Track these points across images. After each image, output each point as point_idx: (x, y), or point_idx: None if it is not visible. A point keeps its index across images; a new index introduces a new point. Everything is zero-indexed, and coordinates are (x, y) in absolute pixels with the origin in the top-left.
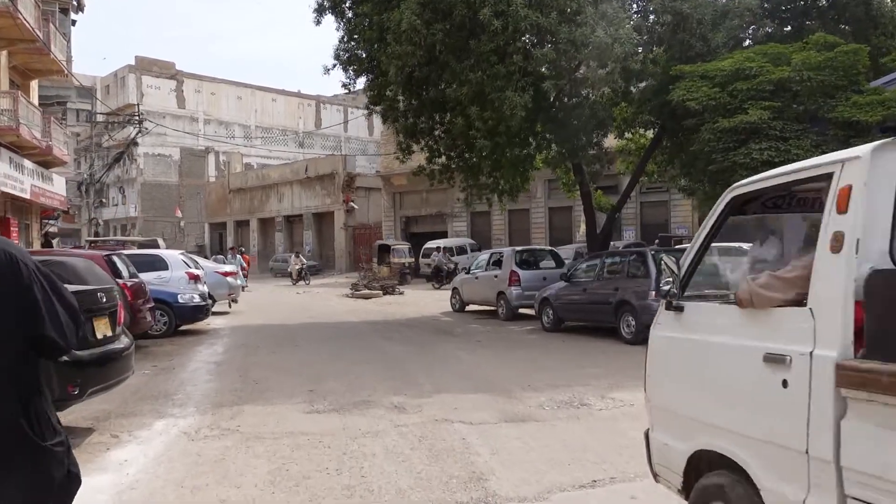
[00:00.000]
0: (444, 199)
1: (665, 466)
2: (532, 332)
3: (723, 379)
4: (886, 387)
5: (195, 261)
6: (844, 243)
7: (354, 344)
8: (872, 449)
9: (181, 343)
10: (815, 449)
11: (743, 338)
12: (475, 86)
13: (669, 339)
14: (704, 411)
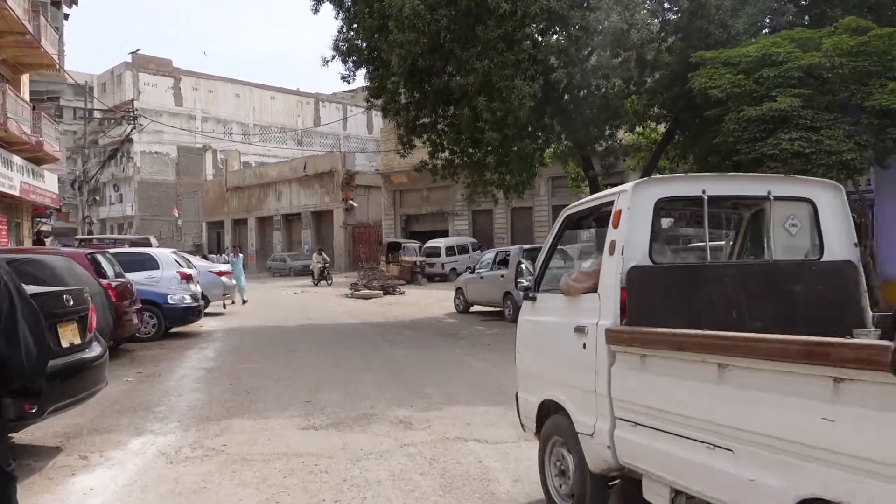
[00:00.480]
0: (446, 197)
1: (527, 417)
2: None
3: (554, 347)
4: (631, 342)
5: (188, 260)
6: (616, 248)
7: (355, 348)
8: (627, 384)
9: (170, 347)
10: (599, 388)
11: (564, 316)
12: (482, 75)
13: (527, 321)
14: (546, 371)
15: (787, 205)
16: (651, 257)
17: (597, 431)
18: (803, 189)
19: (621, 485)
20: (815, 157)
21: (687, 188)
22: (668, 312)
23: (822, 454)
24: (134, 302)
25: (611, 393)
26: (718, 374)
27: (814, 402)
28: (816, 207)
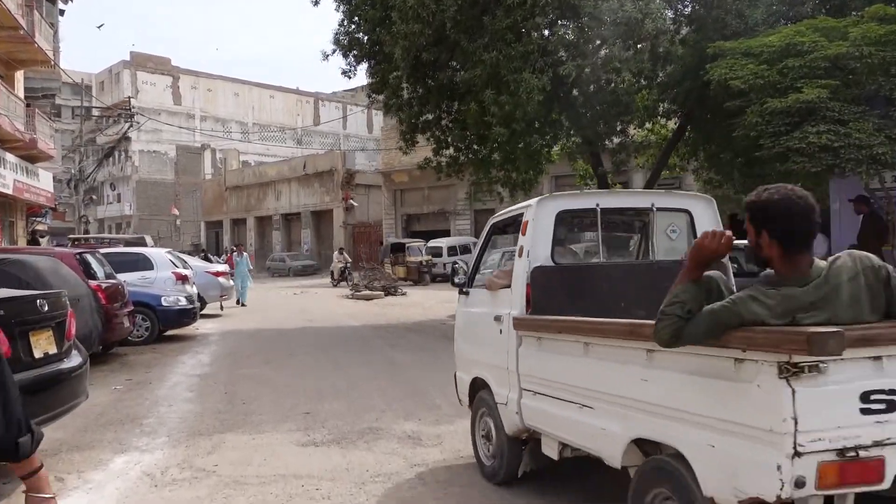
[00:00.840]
0: (447, 197)
1: (462, 392)
2: None
3: (480, 333)
4: (530, 328)
5: (183, 260)
6: (524, 252)
7: (356, 352)
8: (529, 361)
9: (164, 351)
10: (510, 366)
11: (487, 308)
12: (489, 67)
13: (462, 312)
14: (475, 354)
15: (668, 215)
16: (553, 259)
17: (509, 401)
18: (681, 201)
19: (531, 444)
20: (843, 152)
21: (583, 202)
22: (566, 304)
23: (643, 406)
24: (125, 304)
25: (518, 369)
26: (584, 350)
27: (637, 367)
28: (693, 217)
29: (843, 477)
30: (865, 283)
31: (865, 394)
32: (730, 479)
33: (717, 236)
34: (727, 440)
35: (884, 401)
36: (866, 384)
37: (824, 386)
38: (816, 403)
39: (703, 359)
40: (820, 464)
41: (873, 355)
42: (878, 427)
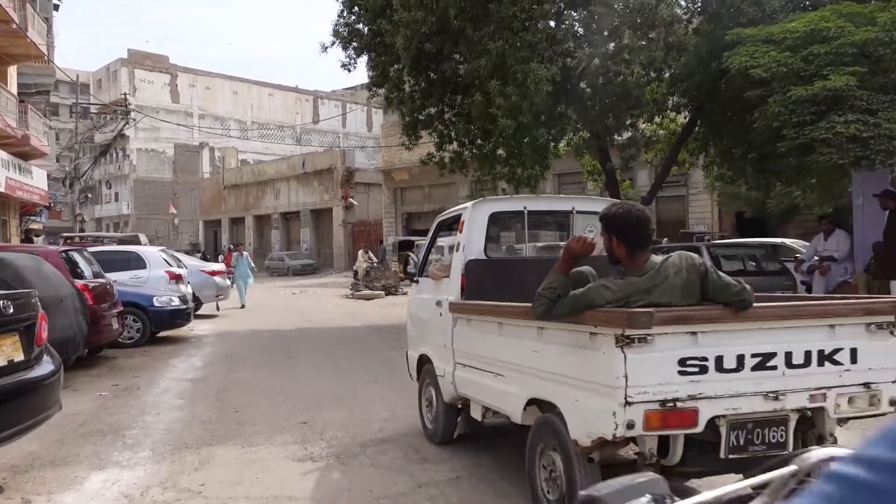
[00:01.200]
0: (448, 195)
1: (412, 368)
2: None
3: (426, 316)
4: (461, 311)
5: (177, 258)
6: (460, 247)
7: (358, 356)
8: (460, 339)
9: (155, 354)
10: (447, 343)
11: (432, 294)
12: (495, 57)
13: (412, 298)
14: (422, 333)
15: (587, 217)
16: (485, 253)
17: (446, 373)
18: (598, 206)
19: (465, 410)
20: (873, 143)
21: (513, 205)
22: (495, 292)
23: (535, 372)
24: (114, 304)
25: (453, 346)
26: (498, 329)
27: (531, 341)
28: None
29: (665, 422)
30: (688, 276)
31: (682, 359)
32: (586, 424)
33: (581, 240)
34: (585, 395)
35: (697, 365)
36: (683, 352)
37: (650, 353)
38: (643, 366)
39: (572, 333)
40: (646, 411)
41: (690, 331)
42: (693, 385)
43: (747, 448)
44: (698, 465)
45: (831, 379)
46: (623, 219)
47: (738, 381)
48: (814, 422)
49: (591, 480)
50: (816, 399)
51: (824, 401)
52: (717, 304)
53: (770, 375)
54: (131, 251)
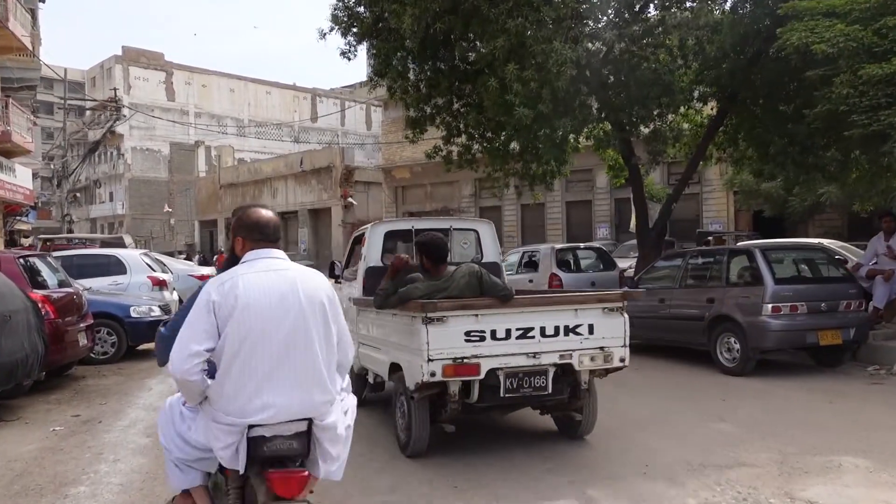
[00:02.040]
0: (451, 193)
1: None
2: None
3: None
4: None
5: (161, 262)
6: (362, 257)
7: None
8: (361, 325)
9: (130, 372)
10: (355, 329)
11: (346, 292)
12: (513, 37)
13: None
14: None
15: (462, 233)
16: (382, 261)
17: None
18: (471, 224)
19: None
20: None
21: (403, 225)
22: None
23: (391, 344)
24: (83, 317)
25: (358, 331)
26: (376, 316)
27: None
28: (479, 234)
29: (456, 371)
30: (469, 279)
31: (468, 332)
32: (412, 375)
33: (400, 258)
34: (411, 356)
35: (477, 335)
36: (467, 327)
37: (444, 328)
38: (439, 336)
39: (404, 318)
40: (443, 365)
41: (473, 314)
42: (475, 348)
43: (519, 390)
44: (489, 402)
45: (575, 344)
46: (429, 244)
47: (507, 345)
48: (570, 373)
49: (421, 411)
50: (565, 357)
51: (571, 358)
52: (490, 297)
53: (530, 342)
54: (110, 255)
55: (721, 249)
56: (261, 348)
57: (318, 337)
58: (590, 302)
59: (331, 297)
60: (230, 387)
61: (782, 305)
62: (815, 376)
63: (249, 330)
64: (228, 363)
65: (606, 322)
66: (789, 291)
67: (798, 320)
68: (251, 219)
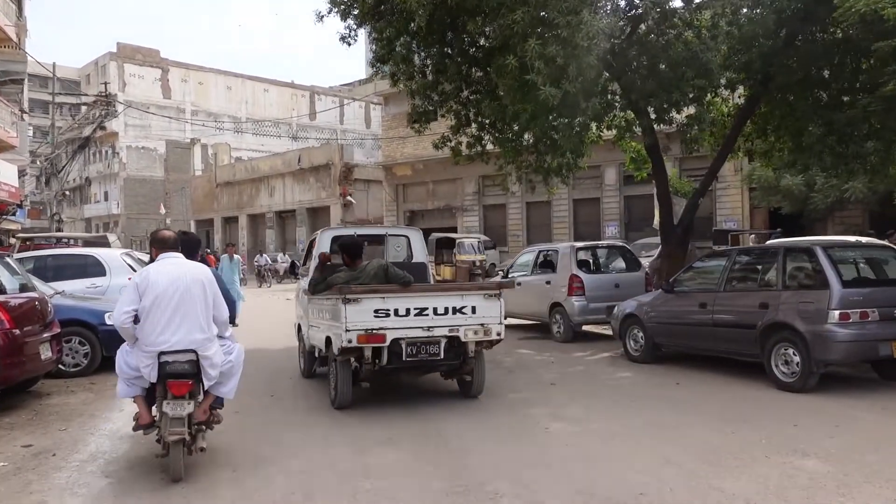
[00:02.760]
0: (454, 191)
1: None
2: (617, 365)
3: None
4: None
5: (145, 263)
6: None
7: (370, 397)
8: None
9: (102, 388)
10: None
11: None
12: (534, 8)
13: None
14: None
15: (396, 238)
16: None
17: (305, 332)
18: (403, 231)
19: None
20: None
21: (347, 232)
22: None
23: (327, 323)
24: (47, 326)
25: (308, 315)
26: (315, 301)
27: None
28: (409, 240)
29: (368, 339)
30: (377, 270)
31: (376, 310)
32: (336, 343)
33: (325, 255)
34: (336, 329)
35: (384, 312)
36: (376, 306)
37: (358, 307)
38: (354, 313)
39: (333, 300)
40: (357, 335)
41: (380, 296)
42: (381, 321)
43: (417, 356)
44: (395, 364)
45: (461, 321)
46: (347, 245)
47: (407, 321)
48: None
49: (345, 371)
50: (453, 331)
51: (458, 332)
52: (394, 284)
53: (425, 318)
54: (88, 255)
55: (774, 248)
56: (161, 307)
57: (198, 301)
58: (473, 290)
59: (208, 278)
60: (146, 330)
61: (851, 312)
62: (884, 393)
63: (154, 297)
64: (144, 316)
65: (486, 304)
66: (859, 296)
67: (869, 329)
68: (158, 237)
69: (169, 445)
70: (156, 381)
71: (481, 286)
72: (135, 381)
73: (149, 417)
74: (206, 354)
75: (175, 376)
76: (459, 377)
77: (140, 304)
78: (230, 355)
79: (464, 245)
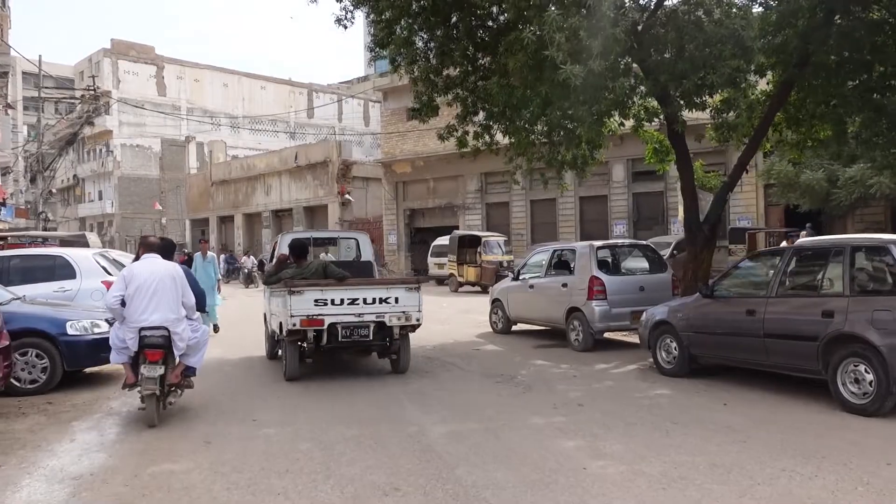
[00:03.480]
0: (455, 188)
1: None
2: (649, 380)
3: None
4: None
5: (120, 264)
6: (275, 255)
7: (359, 417)
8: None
9: (58, 410)
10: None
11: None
12: None
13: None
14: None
15: (346, 241)
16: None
17: (268, 320)
18: (352, 235)
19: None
20: None
21: (304, 235)
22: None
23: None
24: None
25: (269, 307)
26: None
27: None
28: (359, 242)
29: (309, 323)
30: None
31: (316, 299)
32: (286, 325)
33: (283, 255)
34: (284, 315)
35: (323, 301)
36: (316, 297)
37: (301, 297)
38: (298, 302)
39: (283, 292)
40: (301, 319)
41: (319, 289)
42: (320, 309)
43: (351, 337)
44: (332, 344)
45: (387, 309)
46: (295, 246)
47: (342, 308)
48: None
49: (292, 349)
50: (380, 317)
51: (384, 318)
52: (332, 278)
53: (357, 307)
54: (57, 256)
55: (839, 246)
56: (141, 294)
57: (169, 290)
58: (396, 283)
59: (178, 273)
60: (130, 311)
61: None
62: None
63: (136, 286)
64: (129, 300)
65: (408, 296)
66: None
67: None
68: (145, 242)
69: (144, 398)
70: (137, 350)
71: (403, 280)
72: (123, 350)
73: (133, 378)
74: (176, 331)
75: (151, 347)
76: (388, 356)
77: (126, 292)
78: (196, 333)
79: (489, 244)
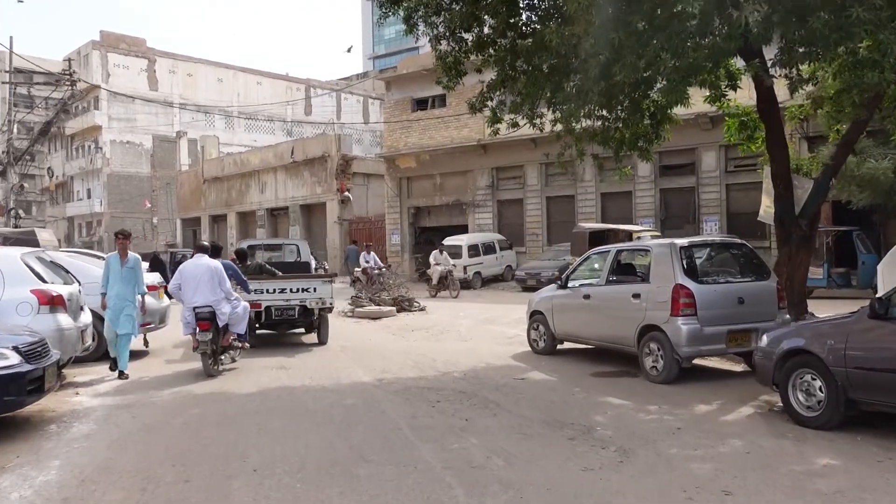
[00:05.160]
0: (464, 185)
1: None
2: (789, 436)
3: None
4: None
5: (62, 267)
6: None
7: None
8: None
9: None
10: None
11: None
12: None
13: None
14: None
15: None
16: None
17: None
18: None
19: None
20: None
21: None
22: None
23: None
24: None
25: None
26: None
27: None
28: (299, 248)
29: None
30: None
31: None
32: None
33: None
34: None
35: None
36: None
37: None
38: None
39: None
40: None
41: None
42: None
43: (282, 316)
44: (268, 321)
45: (308, 296)
46: (238, 253)
47: (275, 295)
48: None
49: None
50: (303, 302)
51: (306, 302)
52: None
53: (285, 294)
54: None
55: None
56: (190, 283)
57: (210, 279)
58: (314, 277)
59: (217, 267)
60: (185, 295)
61: None
62: None
63: (186, 277)
64: (184, 287)
65: (324, 286)
66: None
67: None
68: (198, 246)
69: (201, 356)
70: (194, 322)
71: (320, 276)
72: (188, 324)
73: (196, 343)
74: (218, 308)
75: (201, 319)
76: (313, 331)
77: (181, 281)
78: (237, 308)
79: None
